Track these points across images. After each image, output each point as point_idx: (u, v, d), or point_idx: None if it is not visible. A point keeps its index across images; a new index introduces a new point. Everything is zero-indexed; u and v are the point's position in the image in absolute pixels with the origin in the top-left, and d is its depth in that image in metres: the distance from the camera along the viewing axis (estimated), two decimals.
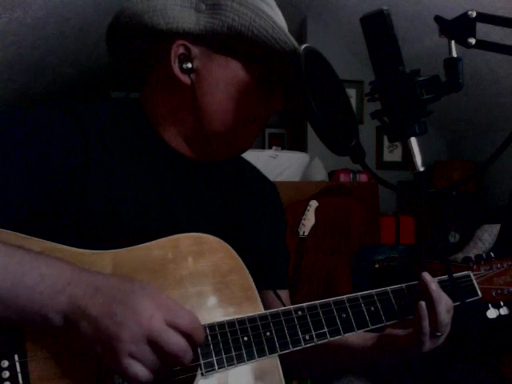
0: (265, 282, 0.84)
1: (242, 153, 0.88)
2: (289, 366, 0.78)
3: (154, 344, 0.57)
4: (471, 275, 0.93)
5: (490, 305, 0.93)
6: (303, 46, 0.69)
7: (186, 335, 0.60)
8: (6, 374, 0.58)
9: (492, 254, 0.96)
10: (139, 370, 0.57)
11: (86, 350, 0.58)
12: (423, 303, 0.80)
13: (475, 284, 0.92)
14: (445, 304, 0.81)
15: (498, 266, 0.95)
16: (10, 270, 0.58)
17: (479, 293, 0.92)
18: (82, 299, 0.58)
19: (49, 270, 0.59)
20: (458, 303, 0.84)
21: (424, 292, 0.82)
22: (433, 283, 0.82)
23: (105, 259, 0.67)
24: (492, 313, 0.93)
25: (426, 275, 0.83)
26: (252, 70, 0.77)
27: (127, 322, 0.57)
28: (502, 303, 0.93)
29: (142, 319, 0.57)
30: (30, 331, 0.61)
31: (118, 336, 0.56)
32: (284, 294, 0.95)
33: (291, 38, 0.74)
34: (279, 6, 0.82)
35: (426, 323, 0.79)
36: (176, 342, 0.59)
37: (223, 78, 0.77)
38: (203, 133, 0.79)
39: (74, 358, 0.62)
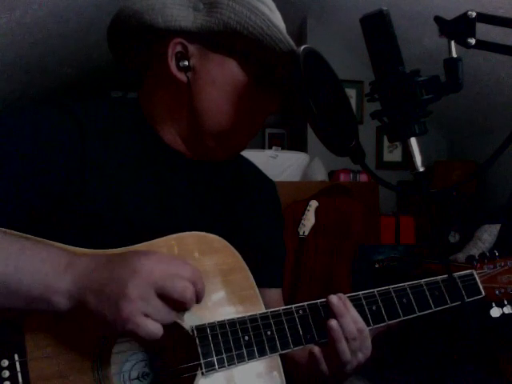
0: (259, 279, 0.84)
1: (238, 153, 0.88)
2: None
3: (161, 295, 0.59)
4: (474, 274, 0.93)
5: (493, 303, 0.93)
6: (302, 47, 0.69)
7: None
8: (6, 374, 0.58)
9: (496, 253, 0.95)
10: (153, 326, 0.57)
11: (96, 326, 0.59)
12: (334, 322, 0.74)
13: (479, 283, 0.92)
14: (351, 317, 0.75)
15: (502, 264, 0.95)
16: (12, 255, 0.58)
17: (482, 292, 0.91)
18: (85, 276, 0.59)
19: (49, 254, 0.60)
20: (458, 303, 0.84)
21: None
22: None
23: None
24: (495, 311, 0.92)
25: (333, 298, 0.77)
26: (248, 69, 0.77)
27: (130, 281, 0.57)
28: (505, 302, 0.92)
29: (143, 275, 0.58)
30: (30, 331, 0.61)
31: (125, 297, 0.57)
32: (277, 292, 0.95)
33: (287, 37, 0.75)
34: (279, 6, 0.82)
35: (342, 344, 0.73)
36: (182, 285, 0.60)
37: (219, 76, 0.77)
38: (199, 131, 0.80)
39: (74, 358, 0.62)
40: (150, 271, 0.59)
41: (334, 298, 0.76)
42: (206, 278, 0.73)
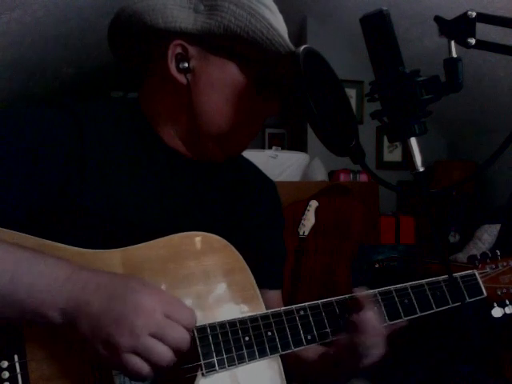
0: (259, 281, 0.85)
1: (237, 155, 0.88)
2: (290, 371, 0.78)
3: (156, 338, 0.58)
4: (476, 274, 0.92)
5: (495, 303, 0.92)
6: (302, 47, 0.69)
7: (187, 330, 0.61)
8: (6, 375, 0.58)
9: (498, 252, 0.95)
10: (141, 364, 0.57)
11: (85, 348, 0.58)
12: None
13: (480, 283, 0.91)
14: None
15: (504, 264, 0.94)
16: (9, 267, 0.58)
17: (484, 292, 0.91)
18: (82, 296, 0.58)
19: (47, 267, 0.59)
20: (459, 303, 0.84)
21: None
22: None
23: (105, 259, 0.67)
24: (497, 311, 0.91)
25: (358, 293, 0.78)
26: (248, 72, 0.77)
27: (128, 317, 0.57)
28: (507, 302, 0.92)
29: (142, 314, 0.57)
30: (30, 332, 0.61)
31: (119, 332, 0.56)
32: (277, 294, 0.95)
33: (287, 41, 0.75)
34: (279, 6, 0.82)
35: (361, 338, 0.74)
36: (180, 335, 0.59)
37: (219, 79, 0.77)
38: (198, 133, 0.80)
39: (74, 359, 0.62)
40: (152, 310, 0.58)
41: (360, 292, 0.77)
42: (207, 278, 0.73)
